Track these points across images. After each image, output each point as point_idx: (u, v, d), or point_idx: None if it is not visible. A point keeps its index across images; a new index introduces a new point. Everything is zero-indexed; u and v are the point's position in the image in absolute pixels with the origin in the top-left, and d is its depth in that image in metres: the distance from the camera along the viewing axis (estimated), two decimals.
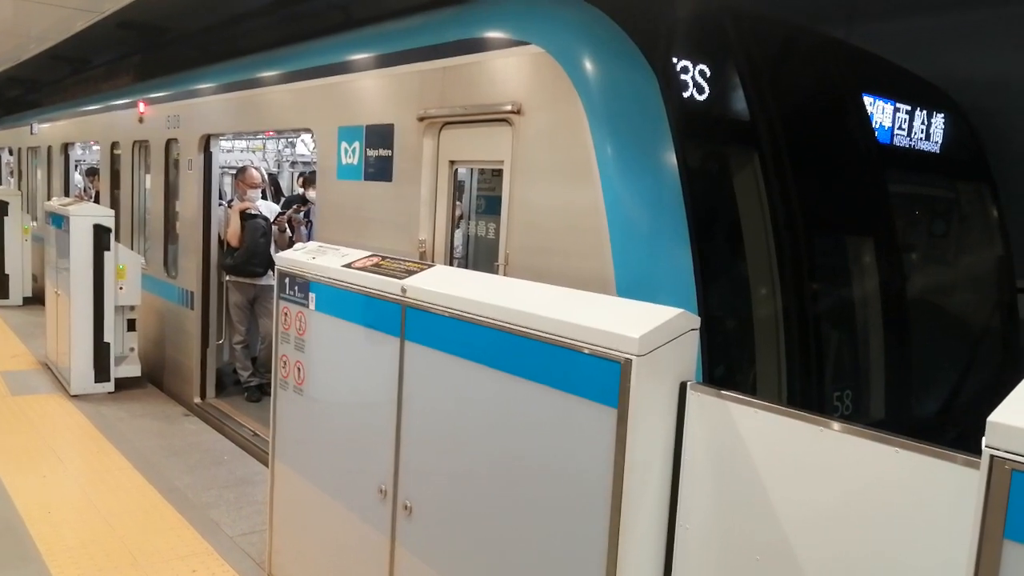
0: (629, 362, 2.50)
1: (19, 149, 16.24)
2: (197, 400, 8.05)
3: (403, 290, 3.51)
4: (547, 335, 2.78)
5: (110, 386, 8.36)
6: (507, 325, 2.94)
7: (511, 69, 4.14)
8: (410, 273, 3.63)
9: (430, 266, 3.72)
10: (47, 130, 14.14)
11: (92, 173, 13.35)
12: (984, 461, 1.72)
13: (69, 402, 8.11)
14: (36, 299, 13.07)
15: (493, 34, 4.28)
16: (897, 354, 4.63)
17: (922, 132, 5.20)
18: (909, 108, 5.06)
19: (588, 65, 3.79)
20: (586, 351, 2.64)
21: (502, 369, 2.98)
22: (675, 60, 3.83)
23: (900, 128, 5.01)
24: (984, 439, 1.72)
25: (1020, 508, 1.66)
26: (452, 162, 4.66)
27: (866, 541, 2.17)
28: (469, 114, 4.37)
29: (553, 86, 3.88)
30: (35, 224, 13.92)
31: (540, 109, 3.96)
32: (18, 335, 11.20)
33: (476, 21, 4.47)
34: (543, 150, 3.94)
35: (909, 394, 4.76)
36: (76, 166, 13.64)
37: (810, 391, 4.11)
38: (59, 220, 8.75)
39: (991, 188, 5.70)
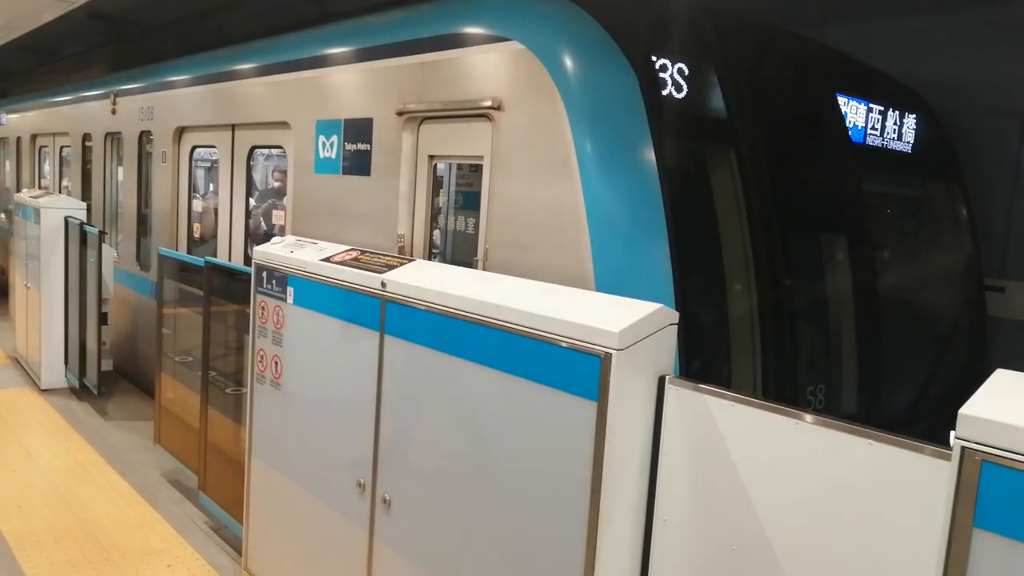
0: (609, 356, 2.53)
1: None
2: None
3: (383, 284, 3.52)
4: (527, 329, 2.80)
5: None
6: (488, 320, 2.96)
7: (492, 65, 4.15)
8: (390, 267, 3.63)
9: (410, 260, 3.73)
10: (16, 121, 13.91)
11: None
12: (955, 452, 1.77)
13: (39, 396, 8.01)
14: (2, 291, 12.87)
15: (474, 30, 4.29)
16: (869, 349, 4.71)
17: (895, 132, 5.29)
18: (882, 108, 5.14)
19: (568, 62, 3.81)
20: (566, 345, 2.67)
21: (482, 363, 3.00)
22: (654, 58, 3.86)
23: (873, 128, 5.09)
24: (955, 431, 1.77)
25: (990, 498, 1.71)
26: (431, 157, 4.66)
27: (840, 530, 2.22)
28: (449, 109, 4.38)
29: (533, 82, 3.90)
30: (2, 216, 13.69)
31: (520, 105, 3.98)
32: None
33: (457, 17, 4.47)
34: (523, 146, 3.96)
35: (880, 388, 4.85)
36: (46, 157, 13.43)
37: (784, 386, 4.16)
38: (29, 213, 8.63)
39: (961, 187, 5.81)
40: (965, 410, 1.76)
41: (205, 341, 5.46)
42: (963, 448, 1.75)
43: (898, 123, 5.32)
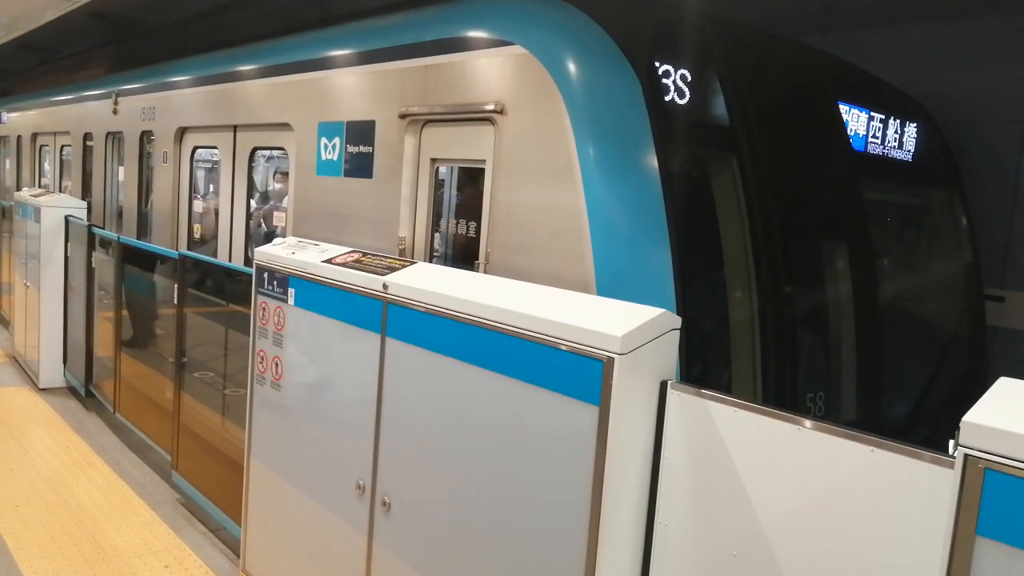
0: (611, 360, 2.53)
1: None
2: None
3: (385, 286, 3.52)
4: (530, 333, 2.81)
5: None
6: (490, 323, 2.96)
7: (495, 69, 4.16)
8: (392, 270, 3.64)
9: (412, 263, 3.73)
10: (17, 119, 13.90)
11: None
12: (958, 460, 1.77)
13: (37, 395, 8.00)
14: None
15: (477, 34, 4.30)
16: (868, 357, 4.72)
17: (895, 141, 5.30)
18: (883, 117, 5.16)
19: (572, 67, 3.82)
20: (568, 349, 2.67)
21: (484, 366, 3.00)
22: (657, 64, 3.87)
23: (874, 136, 5.11)
24: (958, 438, 1.77)
25: (993, 505, 1.71)
26: (434, 160, 4.67)
27: (841, 537, 2.22)
28: (452, 113, 4.38)
29: (536, 87, 3.91)
30: None
31: (523, 109, 3.99)
32: None
33: (460, 20, 4.49)
34: (525, 150, 3.96)
35: (880, 396, 4.85)
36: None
37: (784, 392, 4.17)
38: (29, 211, 8.62)
39: (961, 197, 5.83)
40: (969, 418, 1.77)
41: (179, 328, 5.94)
42: (966, 456, 1.75)
43: (899, 132, 5.33)
